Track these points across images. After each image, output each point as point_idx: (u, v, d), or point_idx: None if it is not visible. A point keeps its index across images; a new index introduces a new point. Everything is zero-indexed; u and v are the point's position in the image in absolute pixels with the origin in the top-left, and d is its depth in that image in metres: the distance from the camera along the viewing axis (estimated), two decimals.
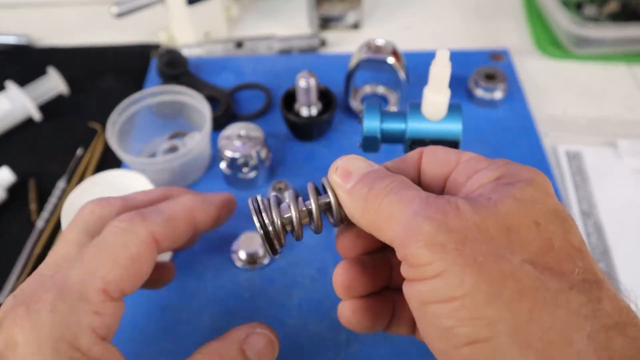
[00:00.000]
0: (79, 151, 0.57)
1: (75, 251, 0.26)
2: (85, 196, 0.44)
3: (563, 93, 0.62)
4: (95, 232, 0.27)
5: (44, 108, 0.62)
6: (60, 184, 0.54)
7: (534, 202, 0.24)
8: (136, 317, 0.43)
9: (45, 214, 0.51)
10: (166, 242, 0.27)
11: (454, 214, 0.22)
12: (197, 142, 0.49)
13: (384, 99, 0.60)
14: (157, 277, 0.32)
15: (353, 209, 0.25)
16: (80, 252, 0.25)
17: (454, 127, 0.38)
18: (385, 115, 0.39)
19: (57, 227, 0.51)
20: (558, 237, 0.23)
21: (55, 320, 0.23)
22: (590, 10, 0.67)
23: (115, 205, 0.28)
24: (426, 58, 0.40)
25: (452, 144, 0.38)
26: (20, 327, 0.22)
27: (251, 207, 0.28)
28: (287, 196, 0.29)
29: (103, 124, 0.56)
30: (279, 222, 0.28)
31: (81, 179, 0.54)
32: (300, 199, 0.29)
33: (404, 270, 0.23)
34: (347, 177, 0.26)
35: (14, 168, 0.56)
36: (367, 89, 0.60)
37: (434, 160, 0.28)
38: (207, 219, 0.30)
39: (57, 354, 0.22)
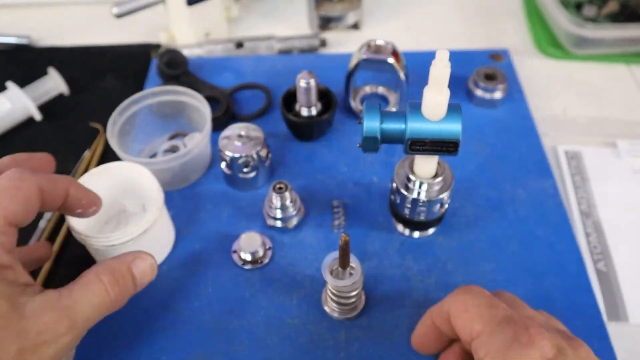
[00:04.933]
0: (86, 153, 0.57)
1: None
2: (90, 188, 0.45)
3: (563, 93, 0.62)
4: None
5: (45, 108, 0.62)
6: None
7: None
8: (137, 316, 0.43)
9: (47, 213, 0.51)
10: (47, 197, 0.33)
11: None
12: (197, 142, 0.49)
13: (384, 99, 0.60)
14: (40, 250, 0.39)
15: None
16: None
17: (454, 127, 0.38)
18: (385, 116, 0.39)
19: (58, 227, 0.51)
20: None
21: None
22: (589, 10, 0.67)
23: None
24: (426, 58, 0.40)
25: (452, 144, 0.38)
26: None
27: None
28: None
29: (103, 124, 0.56)
30: None
31: None
32: None
33: None
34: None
35: None
36: (367, 89, 0.60)
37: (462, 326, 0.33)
38: (75, 200, 0.36)
39: None
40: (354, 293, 0.40)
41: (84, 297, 0.31)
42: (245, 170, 0.50)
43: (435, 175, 0.42)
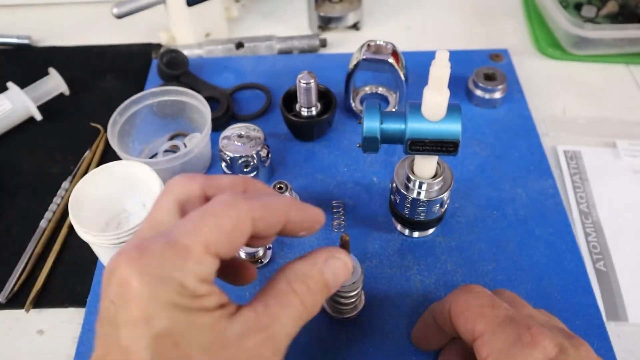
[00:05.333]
0: (87, 153, 0.57)
1: (169, 218, 0.29)
2: (91, 188, 0.45)
3: (562, 93, 0.62)
4: (183, 203, 0.30)
5: (45, 108, 0.62)
6: (65, 184, 0.54)
7: None
8: None
9: (48, 213, 0.51)
10: (261, 225, 0.29)
11: None
12: (197, 142, 0.49)
13: (383, 99, 0.60)
14: (241, 274, 0.35)
15: None
16: (181, 217, 0.29)
17: (454, 127, 0.38)
18: (384, 116, 0.39)
19: (58, 226, 0.51)
20: None
21: (163, 263, 0.25)
22: (589, 11, 0.67)
23: (198, 181, 0.31)
24: (426, 58, 0.40)
25: (452, 144, 0.38)
26: (134, 269, 0.25)
27: None
28: None
29: (104, 124, 0.56)
30: None
31: None
32: None
33: None
34: None
35: (15, 168, 0.56)
36: (367, 89, 0.60)
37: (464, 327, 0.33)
38: (296, 223, 0.32)
39: (167, 290, 0.25)
40: (353, 293, 0.41)
41: (282, 312, 0.28)
42: (245, 170, 0.50)
43: (435, 175, 0.42)
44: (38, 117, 0.61)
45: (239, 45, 0.67)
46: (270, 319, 0.28)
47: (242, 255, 0.46)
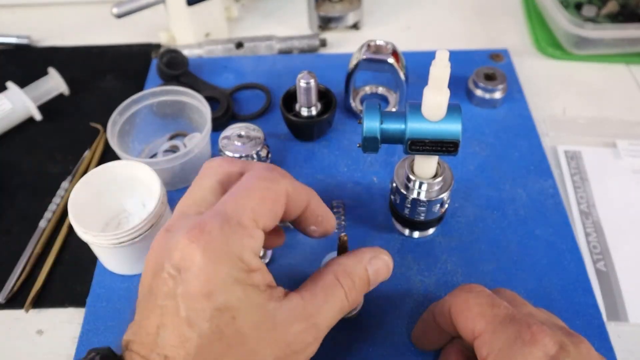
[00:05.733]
0: (87, 153, 0.57)
1: (211, 196, 0.31)
2: (91, 188, 0.45)
3: (562, 93, 0.62)
4: (224, 182, 0.32)
5: (45, 108, 0.62)
6: (64, 184, 0.54)
7: None
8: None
9: (48, 213, 0.51)
10: (290, 203, 0.31)
11: None
12: (197, 142, 0.49)
13: (383, 99, 0.60)
14: (273, 237, 0.37)
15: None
16: (224, 193, 0.31)
17: (454, 128, 0.38)
18: (384, 116, 0.39)
19: (58, 226, 0.51)
20: None
21: (224, 239, 0.27)
22: (589, 10, 0.67)
23: (238, 165, 0.33)
24: (426, 58, 0.40)
25: (452, 144, 0.38)
26: (197, 244, 0.27)
27: None
28: None
29: (103, 124, 0.56)
30: None
31: None
32: None
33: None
34: None
35: (15, 168, 0.56)
36: (367, 89, 0.60)
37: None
38: (313, 213, 0.34)
39: (228, 265, 0.27)
40: None
41: (327, 303, 0.30)
42: None
43: (435, 175, 0.42)
44: (38, 117, 0.61)
45: (239, 45, 0.67)
46: (316, 309, 0.29)
47: None
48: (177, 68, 0.60)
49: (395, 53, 0.53)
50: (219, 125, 0.56)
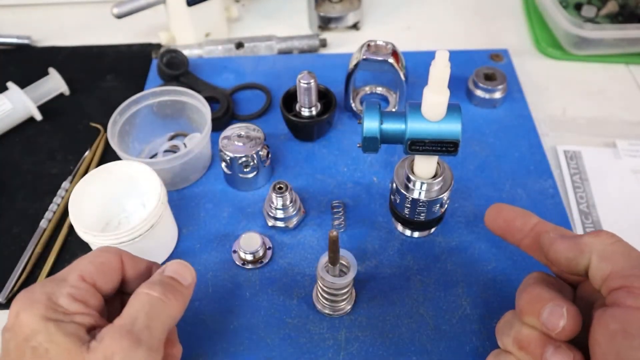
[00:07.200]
0: (87, 153, 0.57)
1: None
2: (91, 188, 0.45)
3: (562, 93, 0.62)
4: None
5: (45, 108, 0.62)
6: (65, 184, 0.54)
7: None
8: None
9: (48, 213, 0.51)
10: (129, 270, 0.35)
11: None
12: (197, 142, 0.49)
13: (384, 99, 0.60)
14: (168, 347, 0.37)
15: None
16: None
17: (454, 127, 0.38)
18: (384, 116, 0.39)
19: (58, 226, 0.51)
20: None
21: (43, 291, 0.32)
22: (589, 11, 0.67)
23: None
24: (426, 58, 0.40)
25: (452, 144, 0.38)
26: (20, 302, 0.31)
27: None
28: None
29: (104, 124, 0.56)
30: None
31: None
32: None
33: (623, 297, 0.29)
34: None
35: (15, 168, 0.56)
36: (367, 89, 0.60)
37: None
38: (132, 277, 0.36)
39: (45, 310, 0.31)
40: (344, 290, 0.41)
41: (133, 309, 0.32)
42: (245, 170, 0.50)
43: (435, 175, 0.42)
44: (38, 117, 0.61)
45: (239, 45, 0.67)
46: (123, 319, 0.31)
47: (243, 255, 0.46)
48: (177, 68, 0.60)
49: (395, 53, 0.53)
50: (219, 125, 0.56)
